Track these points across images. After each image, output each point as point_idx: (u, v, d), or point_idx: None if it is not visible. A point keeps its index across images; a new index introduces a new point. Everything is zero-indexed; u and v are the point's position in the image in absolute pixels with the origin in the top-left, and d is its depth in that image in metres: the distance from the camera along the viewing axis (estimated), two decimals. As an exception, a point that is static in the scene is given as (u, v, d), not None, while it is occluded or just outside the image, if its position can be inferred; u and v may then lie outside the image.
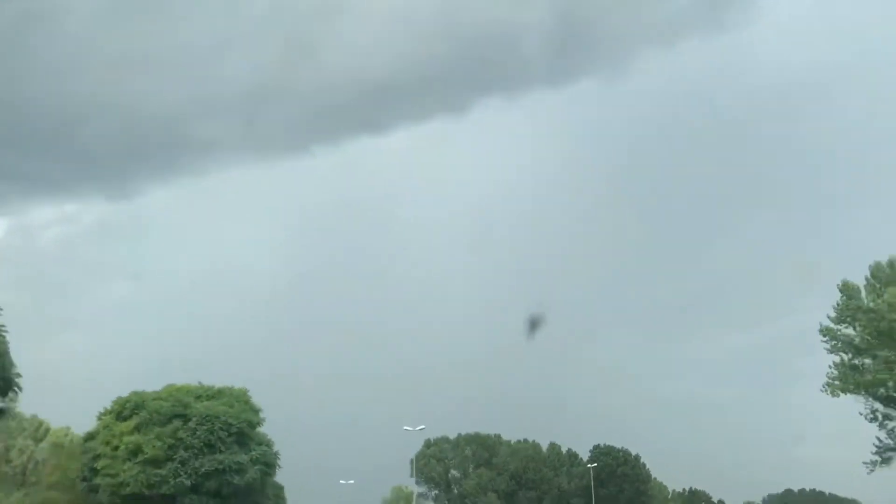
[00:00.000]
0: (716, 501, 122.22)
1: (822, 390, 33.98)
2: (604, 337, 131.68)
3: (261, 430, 55.58)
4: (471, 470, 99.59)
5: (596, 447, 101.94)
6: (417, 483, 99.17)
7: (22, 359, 43.79)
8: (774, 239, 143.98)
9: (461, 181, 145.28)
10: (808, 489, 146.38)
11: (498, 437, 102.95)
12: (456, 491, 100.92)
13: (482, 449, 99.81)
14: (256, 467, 52.27)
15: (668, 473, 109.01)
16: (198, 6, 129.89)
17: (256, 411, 54.18)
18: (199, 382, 57.43)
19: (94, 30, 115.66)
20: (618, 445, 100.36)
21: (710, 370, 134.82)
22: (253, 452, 52.45)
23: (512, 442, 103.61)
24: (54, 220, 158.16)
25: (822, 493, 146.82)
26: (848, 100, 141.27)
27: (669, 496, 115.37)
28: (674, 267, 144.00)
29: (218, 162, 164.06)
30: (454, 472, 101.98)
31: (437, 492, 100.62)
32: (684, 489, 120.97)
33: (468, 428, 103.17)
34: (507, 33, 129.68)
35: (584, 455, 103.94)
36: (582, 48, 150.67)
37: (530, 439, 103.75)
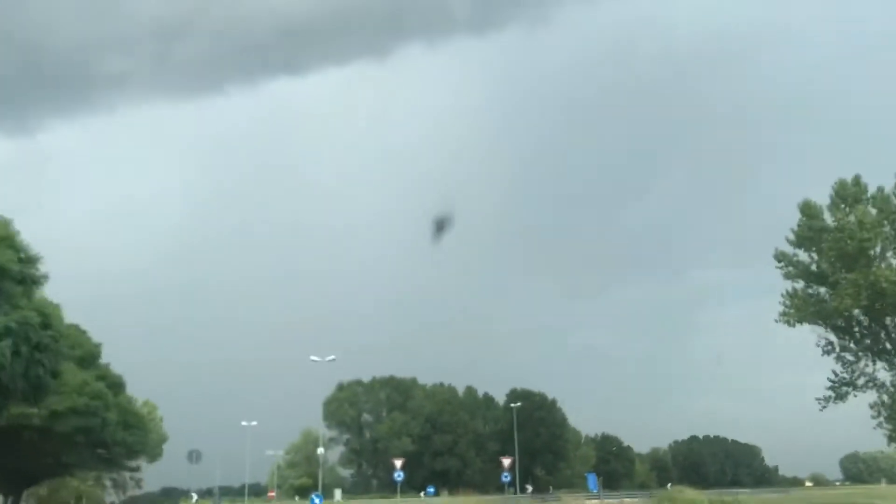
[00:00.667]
0: (626, 446, 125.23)
1: (777, 320, 30.78)
2: (519, 291, 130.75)
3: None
4: (384, 414, 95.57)
5: (513, 391, 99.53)
6: (328, 427, 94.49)
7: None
8: (685, 196, 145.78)
9: (380, 125, 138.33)
10: (711, 436, 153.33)
11: (413, 380, 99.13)
12: (368, 435, 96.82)
13: (396, 392, 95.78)
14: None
15: (581, 420, 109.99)
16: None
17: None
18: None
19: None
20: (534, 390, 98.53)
21: (619, 323, 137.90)
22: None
23: (427, 386, 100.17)
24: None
25: (724, 440, 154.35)
26: (766, 58, 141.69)
27: (582, 441, 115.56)
28: (589, 222, 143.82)
29: (127, 99, 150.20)
30: (367, 416, 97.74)
31: (348, 436, 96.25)
32: (596, 434, 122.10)
33: (383, 373, 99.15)
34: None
35: (501, 399, 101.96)
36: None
37: (446, 383, 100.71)
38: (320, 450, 37.87)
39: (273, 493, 41.50)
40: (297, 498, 67.24)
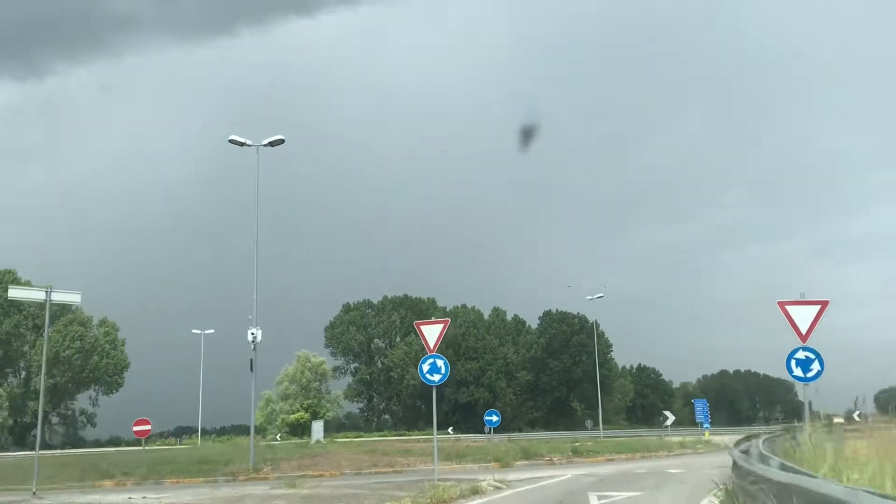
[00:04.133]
0: (663, 378, 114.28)
1: None
2: (542, 232, 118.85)
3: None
4: (398, 339, 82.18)
5: (547, 313, 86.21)
6: (333, 354, 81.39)
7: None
8: (703, 136, 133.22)
9: (397, 69, 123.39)
10: (742, 370, 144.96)
11: (431, 300, 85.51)
12: (380, 364, 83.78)
13: (412, 314, 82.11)
14: None
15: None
16: None
17: None
18: None
19: None
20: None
21: (636, 264, 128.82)
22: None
23: (448, 308, 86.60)
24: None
25: (755, 374, 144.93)
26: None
27: (619, 371, 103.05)
28: (609, 163, 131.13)
29: (134, 42, 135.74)
30: (378, 342, 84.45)
31: (356, 364, 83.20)
32: (631, 366, 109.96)
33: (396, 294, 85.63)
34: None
35: (533, 324, 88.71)
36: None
37: (469, 305, 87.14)
38: (250, 332, 23.95)
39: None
40: (278, 436, 53.83)
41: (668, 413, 46.43)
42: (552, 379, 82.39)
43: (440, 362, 17.35)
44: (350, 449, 29.49)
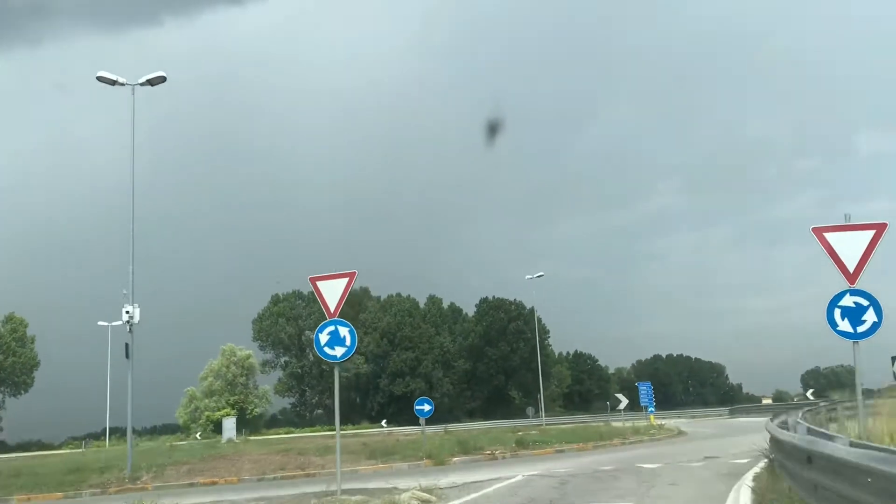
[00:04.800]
0: (599, 364, 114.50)
1: None
2: (479, 220, 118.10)
3: None
4: (330, 330, 78.93)
5: (483, 300, 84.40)
6: (262, 347, 77.56)
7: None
8: (635, 123, 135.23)
9: (329, 59, 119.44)
10: (674, 354, 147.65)
11: (365, 290, 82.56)
12: (312, 357, 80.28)
13: (345, 305, 79.03)
14: None
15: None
16: None
17: None
18: None
19: None
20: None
21: (569, 251, 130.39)
22: None
23: (382, 298, 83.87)
24: None
25: (688, 358, 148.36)
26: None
27: (556, 357, 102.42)
28: (544, 151, 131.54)
29: (55, 30, 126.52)
30: (309, 334, 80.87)
31: (286, 357, 79.60)
32: (568, 353, 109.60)
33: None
34: None
35: (469, 312, 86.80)
36: None
37: (404, 294, 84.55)
38: (125, 311, 20.84)
39: None
40: (197, 435, 49.99)
41: (621, 396, 44.13)
42: (490, 367, 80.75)
43: (344, 330, 12.89)
44: (263, 448, 26.46)
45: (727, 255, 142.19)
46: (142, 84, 22.16)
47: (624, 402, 43.21)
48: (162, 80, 22.10)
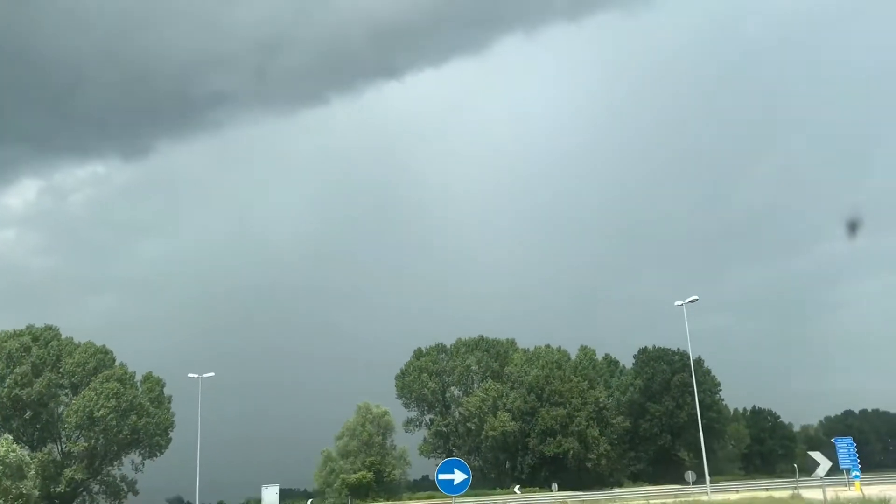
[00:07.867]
0: (782, 421, 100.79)
1: None
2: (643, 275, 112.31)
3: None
4: (475, 385, 74.08)
5: (643, 350, 76.33)
6: (405, 405, 74.02)
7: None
8: (802, 168, 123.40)
9: (486, 121, 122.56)
10: (868, 410, 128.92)
11: (511, 342, 77.32)
12: (458, 413, 75.63)
13: (489, 357, 74.11)
14: None
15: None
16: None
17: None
18: None
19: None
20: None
21: (740, 303, 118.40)
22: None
23: (529, 349, 78.10)
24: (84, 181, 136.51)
25: (885, 413, 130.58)
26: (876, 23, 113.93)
27: (731, 414, 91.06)
28: (705, 202, 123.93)
29: (232, 116, 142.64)
30: (454, 390, 76.53)
31: (431, 415, 75.41)
32: (744, 409, 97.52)
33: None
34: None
35: (627, 363, 78.93)
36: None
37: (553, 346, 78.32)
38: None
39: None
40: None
41: (818, 456, 33.70)
42: (653, 425, 72.16)
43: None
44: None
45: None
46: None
47: (825, 464, 33.27)
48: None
